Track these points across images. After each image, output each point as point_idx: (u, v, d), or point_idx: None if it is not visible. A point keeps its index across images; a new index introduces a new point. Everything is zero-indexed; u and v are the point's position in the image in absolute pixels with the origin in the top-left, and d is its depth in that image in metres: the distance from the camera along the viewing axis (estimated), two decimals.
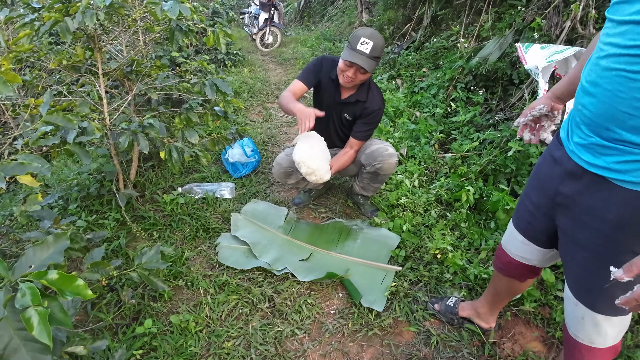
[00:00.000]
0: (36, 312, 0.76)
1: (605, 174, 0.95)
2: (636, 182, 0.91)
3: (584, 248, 1.06)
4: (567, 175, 1.07)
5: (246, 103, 4.89)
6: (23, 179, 1.35)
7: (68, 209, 2.42)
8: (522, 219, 1.31)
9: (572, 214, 1.07)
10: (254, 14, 9.25)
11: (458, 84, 3.87)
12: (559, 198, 1.11)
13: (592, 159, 0.98)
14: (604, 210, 0.99)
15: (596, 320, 1.09)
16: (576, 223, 1.06)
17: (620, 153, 0.91)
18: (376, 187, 2.53)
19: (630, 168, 0.91)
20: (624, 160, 0.91)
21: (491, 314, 1.75)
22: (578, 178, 1.04)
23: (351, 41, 2.11)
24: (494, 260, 1.54)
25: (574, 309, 1.13)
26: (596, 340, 1.12)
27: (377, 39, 2.08)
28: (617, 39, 0.88)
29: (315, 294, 2.01)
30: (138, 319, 1.82)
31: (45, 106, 1.55)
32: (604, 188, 0.97)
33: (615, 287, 1.02)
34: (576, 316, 1.13)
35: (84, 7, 1.80)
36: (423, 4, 5.68)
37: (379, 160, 2.33)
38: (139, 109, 2.67)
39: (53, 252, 0.86)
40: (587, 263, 1.06)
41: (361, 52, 2.07)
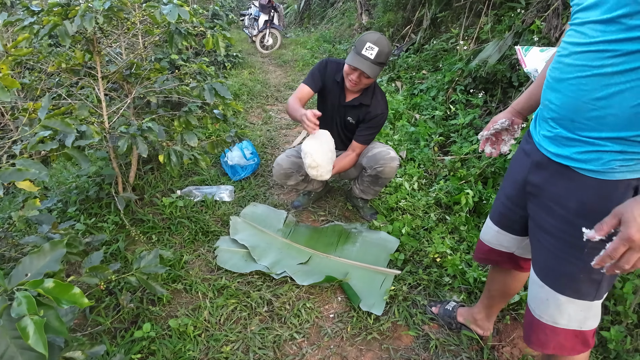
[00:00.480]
0: (32, 321, 0.76)
1: (569, 163, 1.02)
2: (597, 171, 0.98)
3: (549, 233, 1.12)
4: (535, 166, 1.15)
5: (246, 105, 4.89)
6: (21, 184, 1.35)
7: (67, 212, 2.42)
8: (496, 211, 1.39)
9: (540, 201, 1.14)
10: (253, 16, 9.27)
11: (457, 87, 3.86)
12: (529, 187, 1.18)
13: (557, 149, 1.05)
14: (567, 197, 1.05)
15: (559, 301, 1.13)
16: (543, 210, 1.13)
17: (583, 144, 0.98)
18: (376, 191, 2.53)
19: (591, 157, 0.97)
20: (585, 151, 0.98)
21: (488, 319, 1.75)
22: (544, 168, 1.11)
23: (357, 45, 2.11)
24: (475, 253, 1.58)
25: (539, 291, 1.18)
26: (559, 320, 1.15)
27: (383, 45, 2.07)
28: (578, 38, 0.96)
29: (314, 298, 2.01)
30: (137, 322, 1.82)
31: (43, 110, 1.55)
32: (568, 177, 1.04)
33: (578, 272, 1.07)
34: (540, 298, 1.17)
35: (82, 10, 1.81)
36: (423, 6, 5.69)
37: (380, 163, 2.33)
38: (138, 111, 2.67)
39: (49, 260, 0.86)
40: (552, 247, 1.11)
41: (366, 57, 2.07)
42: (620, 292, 1.78)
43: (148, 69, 2.43)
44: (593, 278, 1.07)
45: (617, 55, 0.88)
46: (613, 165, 0.95)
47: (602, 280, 1.07)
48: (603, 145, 0.95)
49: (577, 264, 1.07)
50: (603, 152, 0.95)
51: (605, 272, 0.91)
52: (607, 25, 0.89)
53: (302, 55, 7.74)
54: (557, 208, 1.08)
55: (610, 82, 0.90)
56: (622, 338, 1.72)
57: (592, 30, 0.93)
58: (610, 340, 1.68)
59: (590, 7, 0.93)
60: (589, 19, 0.94)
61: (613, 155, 0.94)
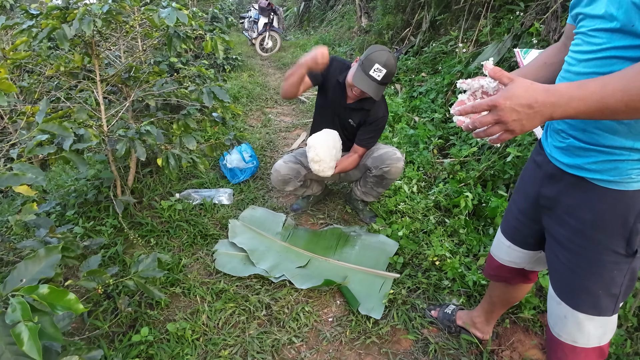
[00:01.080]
0: (26, 327, 0.75)
1: (583, 174, 0.99)
2: (613, 181, 0.94)
3: (565, 247, 1.08)
4: (547, 178, 1.11)
5: (245, 108, 4.89)
6: (18, 189, 1.35)
7: (65, 216, 2.42)
8: (509, 225, 1.34)
9: (555, 214, 1.10)
10: (253, 19, 9.29)
11: (457, 89, 3.86)
12: (542, 200, 1.14)
13: (570, 160, 1.01)
14: (583, 210, 1.01)
15: (578, 319, 1.09)
16: (558, 223, 1.09)
17: (597, 154, 0.94)
18: (378, 193, 2.53)
19: (606, 168, 0.94)
20: (600, 161, 0.94)
21: (487, 323, 1.74)
22: (558, 180, 1.07)
23: (365, 64, 2.08)
24: (485, 269, 1.55)
25: (557, 308, 1.14)
26: (579, 339, 1.12)
27: (391, 67, 2.07)
28: (586, 47, 0.93)
29: (313, 302, 2.00)
30: (134, 326, 1.81)
31: (41, 114, 1.54)
32: (583, 188, 1.00)
33: (597, 288, 1.04)
34: (559, 315, 1.14)
35: (81, 14, 1.81)
36: (422, 8, 5.69)
37: (387, 163, 2.33)
38: (137, 115, 2.67)
39: (44, 265, 0.85)
40: (569, 262, 1.07)
41: (373, 78, 2.07)
42: None
43: (147, 72, 2.43)
44: (612, 292, 1.03)
45: (626, 61, 0.85)
46: (631, 175, 0.92)
47: (620, 294, 1.04)
48: (619, 154, 0.91)
49: (595, 279, 1.03)
50: (619, 161, 0.92)
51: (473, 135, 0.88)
52: (614, 32, 0.87)
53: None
54: (573, 221, 1.04)
55: None
56: (622, 342, 1.72)
57: (600, 38, 0.90)
58: (610, 344, 1.67)
59: (597, 15, 0.91)
60: (595, 26, 0.91)
61: (630, 164, 0.91)
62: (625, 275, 1.01)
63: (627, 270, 1.00)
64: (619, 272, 1.01)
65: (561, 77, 1.04)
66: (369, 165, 2.42)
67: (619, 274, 1.01)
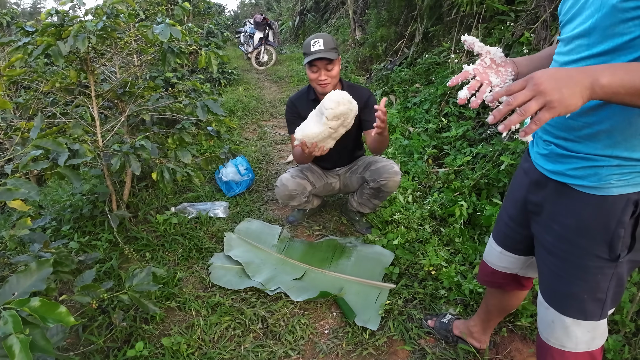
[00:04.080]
0: (18, 339, 0.76)
1: (565, 180, 1.00)
2: (593, 187, 0.95)
3: (551, 253, 1.09)
4: (533, 185, 1.13)
5: (241, 121, 4.92)
6: (12, 204, 1.35)
7: (61, 231, 2.41)
8: (500, 231, 1.36)
9: (541, 219, 1.12)
10: (249, 33, 9.39)
11: (450, 99, 3.90)
12: (529, 206, 1.16)
13: (553, 167, 1.03)
14: (566, 215, 1.03)
15: (565, 323, 1.09)
16: (544, 229, 1.11)
17: (577, 160, 0.96)
18: (375, 205, 2.53)
19: (587, 173, 0.95)
20: (580, 167, 0.96)
21: (484, 332, 1.74)
22: (543, 186, 1.09)
23: (305, 50, 2.26)
24: (478, 275, 1.55)
25: (545, 313, 1.15)
26: (567, 344, 1.12)
27: (324, 35, 2.24)
28: (566, 57, 0.95)
29: (309, 314, 1.99)
30: (129, 341, 1.80)
31: (35, 130, 1.56)
32: (566, 195, 1.02)
33: (582, 292, 1.05)
34: (547, 320, 1.15)
35: (76, 31, 1.83)
36: (415, 21, 5.77)
37: (384, 177, 2.35)
38: (133, 129, 2.68)
39: (36, 279, 0.86)
40: (555, 267, 1.09)
41: (317, 50, 2.19)
42: None
43: (142, 87, 2.45)
44: (598, 297, 1.04)
45: None
46: (610, 180, 0.92)
47: (606, 299, 1.04)
48: (599, 160, 0.93)
49: (580, 284, 1.04)
50: (599, 167, 0.93)
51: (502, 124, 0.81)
52: (589, 38, 0.87)
53: (297, 71, 7.81)
54: (557, 226, 1.06)
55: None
56: (620, 347, 1.71)
57: (579, 47, 0.91)
58: (608, 350, 1.67)
59: (572, 20, 0.92)
60: (574, 33, 0.91)
61: (610, 170, 0.92)
62: (610, 281, 1.01)
63: (612, 275, 1.00)
64: (603, 277, 1.01)
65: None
66: (367, 177, 2.44)
67: (603, 278, 1.01)
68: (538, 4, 3.57)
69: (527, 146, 1.23)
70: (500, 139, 3.00)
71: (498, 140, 2.98)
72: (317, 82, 2.27)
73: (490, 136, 3.26)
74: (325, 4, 12.59)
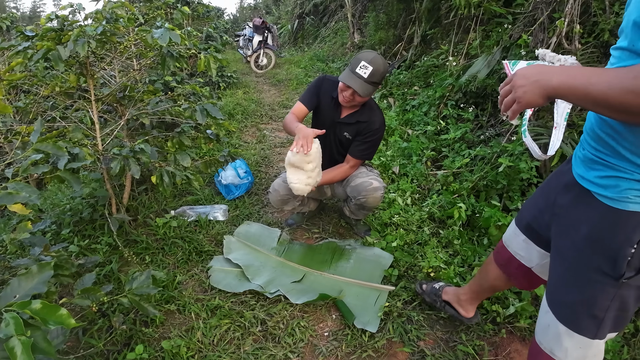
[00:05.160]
0: (19, 341, 0.76)
1: (589, 187, 1.01)
2: (612, 198, 0.95)
3: (563, 257, 1.10)
4: (564, 187, 1.13)
5: (240, 124, 4.93)
6: (13, 207, 1.36)
7: (61, 234, 2.42)
8: (524, 219, 1.35)
9: (561, 223, 1.12)
10: (248, 37, 9.41)
11: (449, 102, 3.92)
12: (556, 209, 1.16)
13: (583, 172, 1.04)
14: (582, 222, 1.03)
15: (558, 330, 1.10)
16: (561, 232, 1.12)
17: (603, 168, 0.96)
18: (365, 214, 2.53)
19: (610, 184, 0.95)
20: (605, 175, 0.96)
21: (471, 303, 1.79)
22: (571, 190, 1.09)
23: (352, 63, 2.12)
24: (495, 255, 1.56)
25: (544, 316, 1.16)
26: (556, 352, 1.12)
27: (378, 65, 2.08)
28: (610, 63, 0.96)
29: (309, 316, 2.00)
30: (129, 344, 1.80)
31: (36, 134, 1.56)
32: (587, 201, 1.02)
33: (579, 304, 1.05)
34: (544, 323, 1.16)
35: (75, 35, 1.84)
36: (413, 24, 5.80)
37: (362, 194, 2.33)
38: (132, 133, 2.69)
39: (37, 282, 0.86)
40: (563, 272, 1.09)
41: (359, 75, 2.09)
42: None
43: (141, 91, 2.46)
44: (594, 314, 1.03)
45: None
46: (628, 195, 0.92)
47: (604, 319, 1.02)
48: (622, 170, 0.93)
49: (578, 294, 1.05)
50: (621, 178, 0.93)
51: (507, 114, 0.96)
52: (623, 51, 0.87)
53: (296, 74, 7.83)
54: (572, 232, 1.06)
55: None
56: (619, 348, 1.72)
57: (613, 57, 0.91)
58: (607, 350, 1.68)
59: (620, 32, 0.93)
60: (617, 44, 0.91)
61: (630, 184, 0.92)
62: (612, 301, 1.00)
63: (615, 296, 0.99)
64: (603, 294, 1.00)
65: None
66: (348, 193, 2.43)
67: (603, 296, 1.00)
68: (535, 7, 3.59)
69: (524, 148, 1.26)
70: (499, 141, 3.02)
71: (497, 143, 2.99)
72: (342, 94, 2.21)
73: (489, 138, 3.27)
74: (324, 7, 12.65)
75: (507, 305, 1.95)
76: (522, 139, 2.47)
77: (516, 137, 2.89)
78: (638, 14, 0.80)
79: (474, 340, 1.84)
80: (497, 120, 3.45)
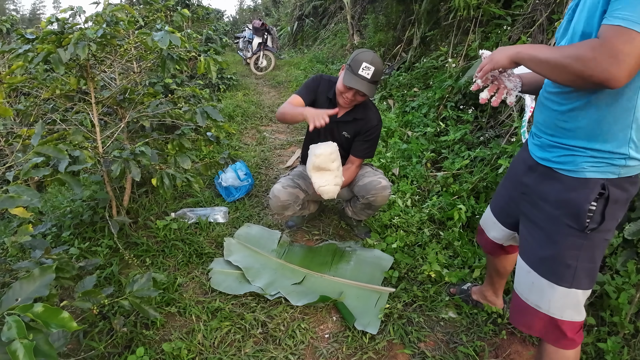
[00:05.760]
0: (22, 344, 0.77)
1: (551, 165, 1.25)
2: (572, 170, 1.18)
3: (538, 226, 1.31)
4: (528, 169, 1.37)
5: (240, 126, 4.94)
6: (14, 211, 1.36)
7: (61, 237, 2.42)
8: (497, 205, 1.63)
9: (530, 198, 1.35)
10: (247, 39, 9.43)
11: (448, 103, 3.93)
12: (523, 188, 1.39)
13: (542, 154, 1.28)
14: (549, 193, 1.26)
15: (542, 284, 1.28)
16: (533, 206, 1.33)
17: (559, 149, 1.21)
18: (369, 214, 2.53)
19: (567, 160, 1.19)
20: (562, 155, 1.20)
21: (495, 295, 1.94)
22: (534, 170, 1.33)
23: (352, 65, 2.13)
24: (477, 237, 1.83)
25: (526, 276, 1.34)
26: (541, 304, 1.30)
27: (378, 64, 2.12)
28: None
29: (309, 318, 2.00)
30: (130, 347, 1.80)
31: (36, 137, 1.57)
32: (551, 176, 1.25)
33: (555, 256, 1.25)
34: (527, 282, 1.34)
35: (76, 38, 1.84)
36: (412, 25, 5.81)
37: (372, 193, 2.34)
38: (133, 135, 2.69)
39: (39, 285, 0.87)
40: (537, 235, 1.31)
41: (362, 77, 2.11)
42: (615, 303, 1.79)
43: (142, 93, 2.47)
44: (568, 263, 1.22)
45: None
46: (584, 166, 1.16)
47: (577, 267, 1.22)
48: (576, 150, 1.17)
49: (554, 249, 1.24)
50: (576, 155, 1.17)
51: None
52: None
53: (295, 76, 7.84)
54: (542, 203, 1.28)
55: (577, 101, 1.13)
56: (619, 349, 1.72)
57: None
58: (607, 351, 1.68)
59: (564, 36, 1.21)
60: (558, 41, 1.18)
61: (584, 159, 1.15)
62: (580, 250, 1.20)
63: (582, 245, 1.20)
64: (572, 244, 1.21)
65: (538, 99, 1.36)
66: (355, 193, 2.44)
67: (572, 246, 1.21)
68: (534, 8, 3.60)
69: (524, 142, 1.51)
70: (499, 142, 3.02)
71: (496, 144, 3.00)
72: (341, 95, 2.22)
73: (488, 140, 3.28)
74: (323, 9, 12.67)
75: (508, 306, 1.95)
76: (521, 140, 2.48)
77: (516, 138, 2.89)
78: (585, 25, 1.06)
79: (475, 341, 1.84)
80: (497, 122, 3.45)
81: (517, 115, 3.14)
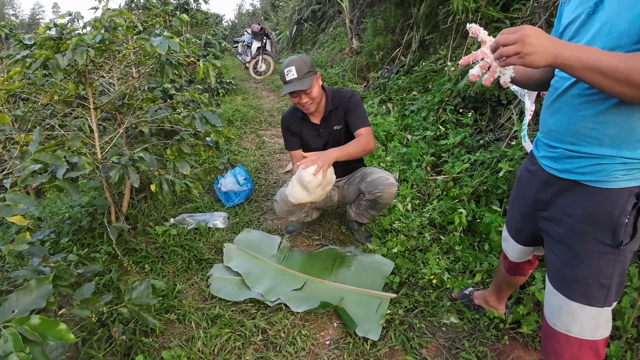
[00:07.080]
0: (18, 358, 0.75)
1: (574, 177, 1.12)
2: (600, 181, 1.07)
3: (560, 242, 1.20)
4: (541, 184, 1.25)
5: (239, 131, 4.93)
6: (11, 219, 1.34)
7: (60, 243, 2.41)
8: (512, 227, 1.52)
9: (550, 214, 1.23)
10: (246, 43, 9.44)
11: (447, 106, 3.92)
12: (538, 204, 1.27)
13: (561, 166, 1.15)
14: (573, 207, 1.14)
15: (571, 308, 1.17)
16: (554, 222, 1.22)
17: (584, 159, 1.09)
18: (372, 215, 2.53)
19: (595, 170, 1.07)
20: (588, 165, 1.08)
21: (499, 301, 1.91)
22: (552, 185, 1.20)
23: (281, 78, 2.28)
24: (505, 267, 1.72)
25: (553, 299, 1.23)
26: (572, 328, 1.19)
27: (296, 61, 2.24)
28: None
29: (310, 325, 1.98)
30: (129, 355, 1.79)
31: (34, 144, 1.55)
32: (573, 189, 1.14)
33: (587, 277, 1.14)
34: (554, 305, 1.22)
35: (74, 44, 1.84)
36: (411, 29, 5.82)
37: (379, 188, 2.35)
38: (131, 141, 2.68)
39: (36, 296, 0.85)
40: (564, 255, 1.19)
41: (291, 80, 2.22)
42: (618, 307, 1.77)
43: (140, 98, 2.46)
44: (601, 282, 1.12)
45: None
46: (616, 175, 1.04)
47: (610, 285, 1.11)
48: (605, 159, 1.04)
49: (585, 268, 1.13)
50: (606, 164, 1.05)
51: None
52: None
53: None
54: (565, 218, 1.16)
55: (604, 105, 1.00)
56: (623, 353, 1.71)
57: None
58: (610, 356, 1.67)
59: (579, 34, 1.04)
60: None
61: (615, 167, 1.03)
62: (614, 267, 1.10)
63: (616, 262, 1.10)
64: (606, 263, 1.10)
65: (549, 102, 1.20)
66: (363, 189, 2.44)
67: (606, 264, 1.10)
68: (533, 11, 3.60)
69: (524, 152, 1.35)
70: (499, 146, 3.01)
71: (496, 147, 2.99)
72: (300, 105, 2.33)
73: (488, 143, 3.27)
74: (322, 13, 12.69)
75: (510, 311, 1.94)
76: (521, 144, 2.47)
77: (516, 141, 2.88)
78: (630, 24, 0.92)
79: (477, 347, 1.82)
80: (496, 125, 3.44)
81: (517, 119, 3.14)
